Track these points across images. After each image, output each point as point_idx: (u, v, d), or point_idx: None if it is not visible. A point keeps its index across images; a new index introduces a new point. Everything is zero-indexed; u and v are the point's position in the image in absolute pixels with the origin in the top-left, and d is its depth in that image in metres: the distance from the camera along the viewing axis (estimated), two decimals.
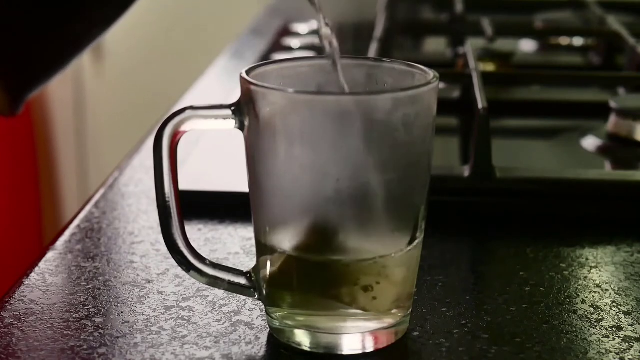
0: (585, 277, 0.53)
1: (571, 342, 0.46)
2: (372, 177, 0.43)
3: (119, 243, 0.57)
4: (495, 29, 0.89)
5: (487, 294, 0.51)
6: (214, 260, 0.48)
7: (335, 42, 0.46)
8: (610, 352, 0.45)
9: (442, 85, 0.63)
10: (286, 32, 1.05)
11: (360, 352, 0.45)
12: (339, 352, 0.45)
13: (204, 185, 0.62)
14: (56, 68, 0.58)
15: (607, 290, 0.52)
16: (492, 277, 0.54)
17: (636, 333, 0.47)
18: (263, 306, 0.48)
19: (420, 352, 0.46)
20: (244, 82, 0.44)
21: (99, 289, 0.51)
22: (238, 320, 0.48)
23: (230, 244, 0.56)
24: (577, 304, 0.50)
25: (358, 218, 0.44)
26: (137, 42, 1.93)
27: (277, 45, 0.99)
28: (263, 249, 0.46)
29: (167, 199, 0.46)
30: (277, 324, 0.46)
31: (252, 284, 0.47)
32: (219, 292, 0.50)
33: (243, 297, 0.50)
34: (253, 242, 0.50)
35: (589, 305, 0.50)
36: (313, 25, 1.05)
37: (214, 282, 0.47)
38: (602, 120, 0.74)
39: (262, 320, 0.48)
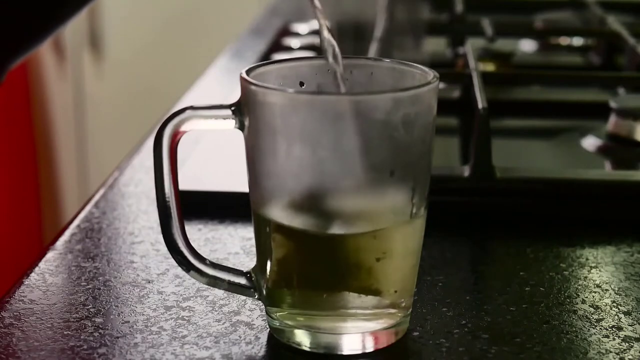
0: (585, 277, 0.53)
1: (571, 342, 0.46)
2: (372, 177, 0.43)
3: (119, 243, 0.57)
4: (495, 29, 0.89)
5: (487, 294, 0.51)
6: (214, 260, 0.48)
7: (336, 47, 0.46)
8: (610, 352, 0.45)
9: (442, 85, 0.63)
10: (286, 32, 1.05)
11: (360, 352, 0.45)
12: (339, 352, 0.45)
13: (204, 185, 0.62)
14: (40, 37, 0.58)
15: (607, 290, 0.52)
16: (492, 277, 0.54)
17: (636, 333, 0.47)
18: (263, 306, 0.48)
19: (420, 352, 0.46)
20: (244, 82, 0.44)
21: (99, 289, 0.51)
22: (238, 320, 0.48)
23: (230, 244, 0.56)
24: (577, 304, 0.50)
25: (357, 210, 0.44)
26: (137, 42, 1.93)
27: (277, 45, 0.98)
28: (263, 248, 0.46)
29: (167, 199, 0.46)
30: (277, 324, 0.46)
31: (252, 284, 0.47)
32: (219, 292, 0.50)
33: (243, 297, 0.50)
34: (253, 242, 0.50)
35: (589, 305, 0.50)
36: (313, 25, 1.05)
37: (214, 282, 0.47)
38: (602, 120, 0.74)
39: (262, 320, 0.48)
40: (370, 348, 0.45)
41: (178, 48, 1.93)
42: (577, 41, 1.01)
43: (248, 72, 0.45)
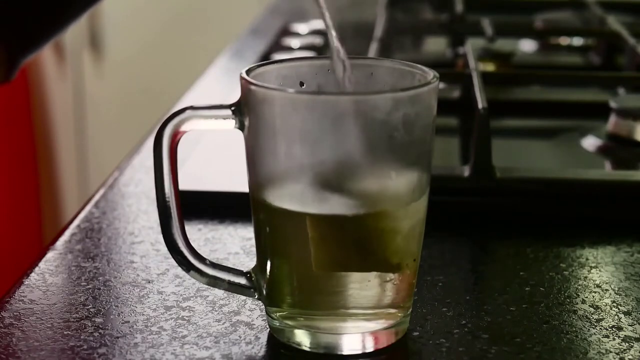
0: (585, 277, 0.53)
1: (571, 342, 0.46)
2: (372, 177, 0.43)
3: (119, 243, 0.57)
4: (495, 29, 0.89)
5: (487, 294, 0.51)
6: (214, 260, 0.48)
7: (341, 49, 0.46)
8: (610, 352, 0.45)
9: (442, 85, 0.63)
10: (286, 32, 1.05)
11: (360, 352, 0.45)
12: (339, 352, 0.45)
13: (204, 185, 0.62)
14: (53, 32, 0.58)
15: (607, 290, 0.52)
16: (492, 277, 0.54)
17: (636, 333, 0.47)
18: (263, 306, 0.48)
19: (420, 352, 0.46)
20: (244, 82, 0.44)
21: (99, 289, 0.51)
22: (238, 320, 0.48)
23: (230, 244, 0.56)
24: (577, 304, 0.50)
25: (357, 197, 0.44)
26: (137, 42, 1.93)
27: (277, 45, 0.98)
28: (263, 247, 0.46)
29: (167, 199, 0.46)
30: (277, 324, 0.46)
31: (252, 284, 0.47)
32: (219, 292, 0.50)
33: (243, 297, 0.50)
34: (253, 242, 0.50)
35: (589, 305, 0.50)
36: (313, 25, 1.05)
37: (214, 282, 0.47)
38: (602, 120, 0.74)
39: (262, 320, 0.48)
40: (370, 348, 0.45)
41: (178, 48, 1.93)
42: (577, 41, 1.01)
43: (248, 72, 0.45)
